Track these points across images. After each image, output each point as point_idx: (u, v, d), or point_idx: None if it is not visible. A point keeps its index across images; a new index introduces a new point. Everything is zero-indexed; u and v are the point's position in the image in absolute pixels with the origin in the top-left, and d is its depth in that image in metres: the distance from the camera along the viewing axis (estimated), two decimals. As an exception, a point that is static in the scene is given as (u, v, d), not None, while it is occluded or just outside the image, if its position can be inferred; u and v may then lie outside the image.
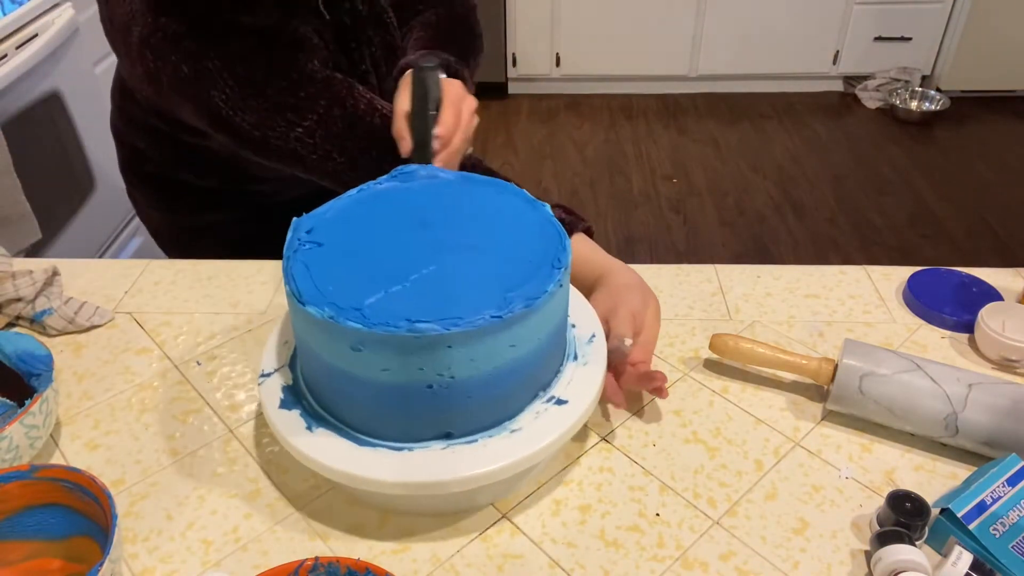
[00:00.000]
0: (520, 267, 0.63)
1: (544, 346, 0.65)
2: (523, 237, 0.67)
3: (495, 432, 0.65)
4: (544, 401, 0.67)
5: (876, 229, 2.69)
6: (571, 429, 0.66)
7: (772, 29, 3.38)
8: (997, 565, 0.60)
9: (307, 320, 0.61)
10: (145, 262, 1.00)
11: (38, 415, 0.67)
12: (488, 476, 0.62)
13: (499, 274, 0.62)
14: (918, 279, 0.92)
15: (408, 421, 0.63)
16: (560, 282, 0.63)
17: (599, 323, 0.75)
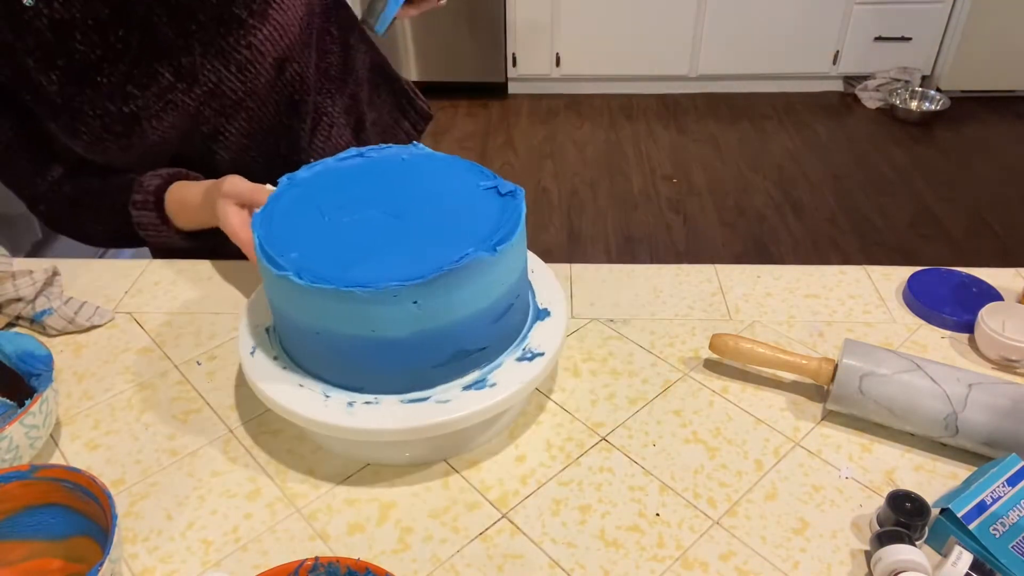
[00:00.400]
0: (461, 241, 0.66)
1: (476, 322, 0.67)
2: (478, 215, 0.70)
3: (417, 396, 0.68)
4: (478, 377, 0.70)
5: (876, 229, 2.69)
6: (493, 407, 0.68)
7: (772, 29, 3.39)
8: (997, 565, 0.60)
9: (260, 265, 0.68)
10: (145, 262, 1.00)
11: (38, 415, 0.67)
12: (379, 434, 0.66)
13: (440, 245, 0.66)
14: (918, 279, 0.92)
15: (341, 369, 0.69)
16: (494, 261, 0.65)
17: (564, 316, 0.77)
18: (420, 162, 0.78)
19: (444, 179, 0.75)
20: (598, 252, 2.59)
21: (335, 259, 0.65)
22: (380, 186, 0.74)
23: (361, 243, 0.67)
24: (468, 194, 0.73)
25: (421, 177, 0.76)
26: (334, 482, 0.71)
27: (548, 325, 0.75)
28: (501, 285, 0.68)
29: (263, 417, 0.77)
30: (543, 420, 0.77)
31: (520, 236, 0.69)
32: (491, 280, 0.66)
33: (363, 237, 0.68)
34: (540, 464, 0.72)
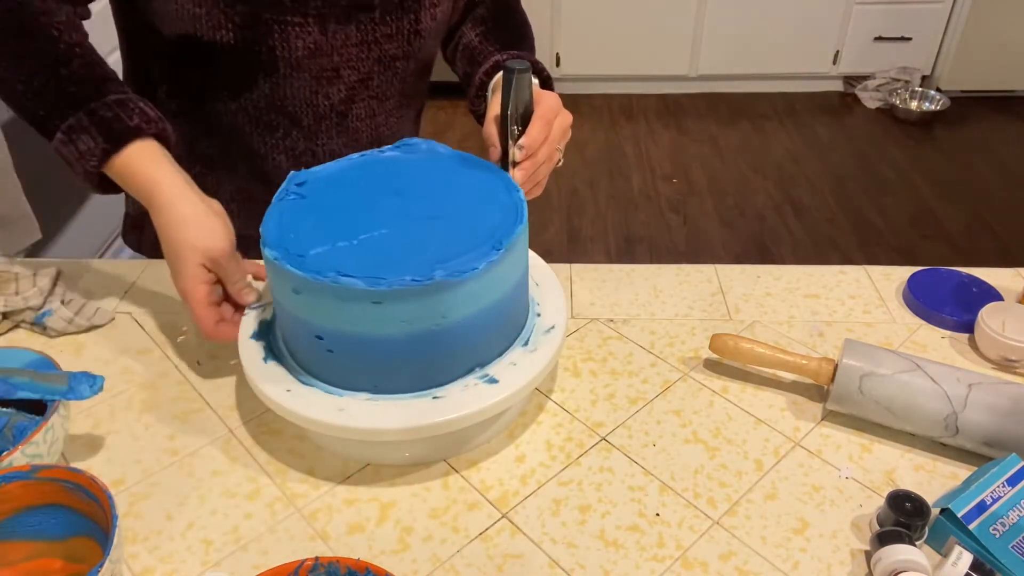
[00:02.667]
0: (462, 241, 0.66)
1: (476, 321, 0.67)
2: (482, 215, 0.70)
3: (416, 396, 0.68)
4: (477, 377, 0.70)
5: (876, 229, 2.69)
6: (492, 407, 0.68)
7: (772, 29, 3.38)
8: (997, 565, 0.60)
9: (265, 260, 0.68)
10: (145, 262, 1.00)
11: (41, 444, 0.65)
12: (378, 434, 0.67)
13: (441, 245, 0.66)
14: (918, 279, 0.92)
15: (340, 368, 0.69)
16: (495, 261, 0.65)
17: (564, 316, 0.76)
18: (431, 159, 0.78)
19: (452, 177, 0.75)
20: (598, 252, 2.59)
21: (338, 258, 0.65)
22: (387, 184, 0.74)
23: (365, 243, 0.67)
24: (475, 193, 0.73)
25: (429, 175, 0.76)
26: (334, 482, 0.71)
27: (548, 325, 0.75)
28: (502, 286, 0.68)
29: (263, 417, 0.77)
30: (543, 420, 0.77)
31: (522, 237, 0.69)
32: (492, 281, 0.66)
33: (367, 236, 0.68)
34: (540, 464, 0.72)
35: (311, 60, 0.92)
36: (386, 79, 0.99)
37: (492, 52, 0.97)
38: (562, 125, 0.84)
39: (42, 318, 0.87)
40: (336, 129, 0.99)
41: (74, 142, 0.76)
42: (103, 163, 0.76)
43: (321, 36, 0.90)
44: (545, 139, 0.80)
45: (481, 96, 0.95)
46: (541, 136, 0.80)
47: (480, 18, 1.02)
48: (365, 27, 0.93)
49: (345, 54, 0.93)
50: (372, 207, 0.72)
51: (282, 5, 0.87)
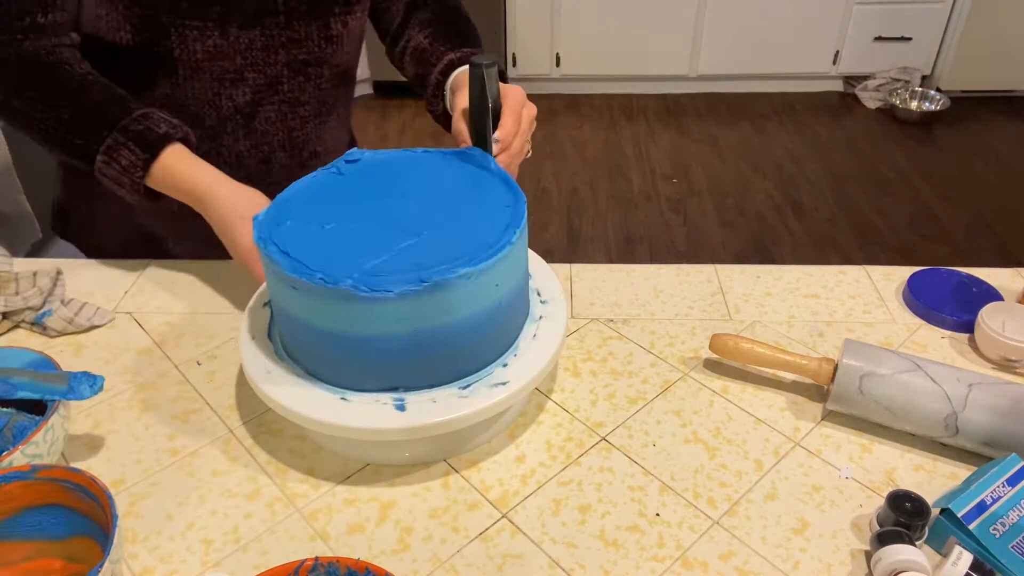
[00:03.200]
0: (462, 242, 0.66)
1: (476, 321, 0.67)
2: (482, 215, 0.70)
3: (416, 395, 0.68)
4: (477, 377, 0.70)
5: (876, 229, 2.69)
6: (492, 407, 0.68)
7: (772, 29, 3.39)
8: (997, 565, 0.60)
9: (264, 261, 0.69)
10: (145, 262, 1.00)
11: (41, 444, 0.66)
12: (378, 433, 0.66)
13: (441, 245, 0.66)
14: (918, 279, 0.92)
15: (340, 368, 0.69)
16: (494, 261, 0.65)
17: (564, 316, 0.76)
18: (429, 160, 0.78)
19: (450, 177, 0.75)
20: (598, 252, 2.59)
21: (337, 259, 0.65)
22: (387, 185, 0.74)
23: (364, 243, 0.67)
24: (474, 193, 0.73)
25: (428, 175, 0.76)
26: (334, 482, 0.71)
27: (548, 325, 0.75)
28: (502, 286, 0.68)
29: (263, 417, 0.77)
30: (543, 420, 0.77)
31: (521, 239, 0.69)
32: (492, 281, 0.66)
33: (366, 237, 0.68)
34: (540, 464, 0.72)
35: (211, 63, 0.92)
36: (297, 84, 0.99)
37: (444, 52, 0.97)
38: (529, 116, 0.86)
39: (42, 318, 0.87)
40: (242, 131, 0.99)
41: (116, 160, 0.82)
42: (146, 173, 0.83)
43: (222, 40, 0.91)
44: (517, 131, 0.83)
45: (438, 95, 0.96)
46: (514, 129, 0.82)
47: (427, 20, 1.02)
48: (271, 32, 0.93)
49: (249, 57, 0.94)
50: (371, 207, 0.72)
51: (180, 9, 0.87)
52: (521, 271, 0.72)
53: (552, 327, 0.75)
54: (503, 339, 0.72)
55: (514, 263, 0.69)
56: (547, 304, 0.78)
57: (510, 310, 0.71)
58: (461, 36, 1.01)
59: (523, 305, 0.75)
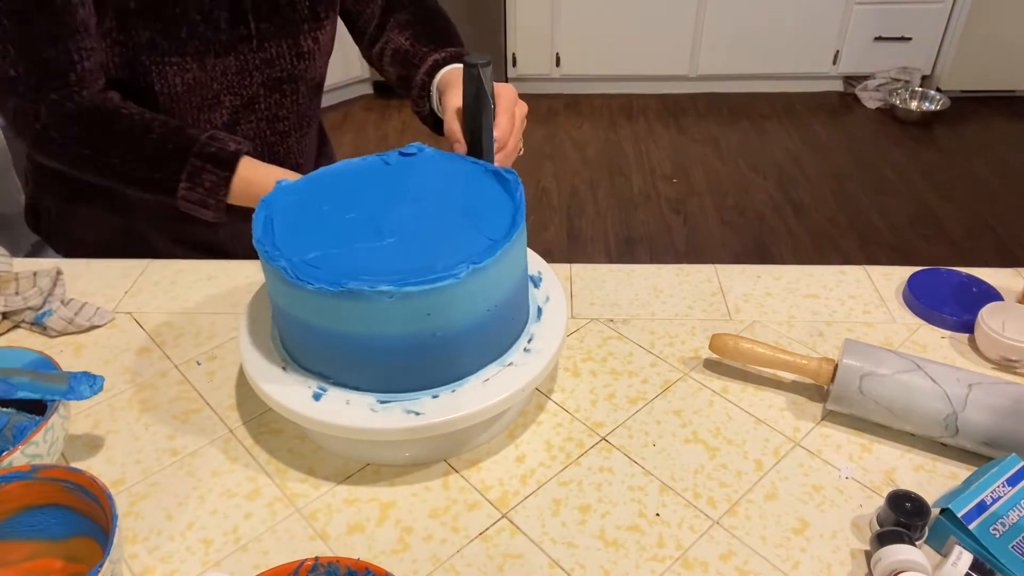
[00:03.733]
0: (461, 243, 0.66)
1: (475, 322, 0.67)
2: (481, 216, 0.70)
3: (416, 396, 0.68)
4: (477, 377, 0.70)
5: (876, 229, 2.69)
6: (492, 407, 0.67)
7: (772, 29, 3.39)
8: (997, 565, 0.60)
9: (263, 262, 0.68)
10: (145, 262, 1.00)
11: (41, 444, 0.65)
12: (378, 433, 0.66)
13: (440, 246, 0.66)
14: (918, 279, 0.92)
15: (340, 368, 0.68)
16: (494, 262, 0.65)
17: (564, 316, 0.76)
18: (426, 161, 0.78)
19: (448, 178, 0.75)
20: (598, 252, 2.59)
21: (336, 259, 0.65)
22: (383, 187, 0.74)
23: (363, 244, 0.67)
24: (472, 194, 0.73)
25: (425, 176, 0.76)
26: (334, 482, 0.71)
27: (548, 325, 0.75)
28: (502, 286, 0.68)
29: (263, 417, 0.77)
30: (543, 420, 0.77)
31: (520, 239, 0.69)
32: (492, 281, 0.66)
33: (365, 238, 0.68)
34: (540, 464, 0.73)
35: (190, 93, 0.93)
36: (274, 101, 1.01)
37: (428, 53, 0.98)
38: (522, 114, 0.87)
39: (42, 318, 0.87)
40: None
41: (199, 183, 0.87)
42: (228, 190, 0.87)
43: (200, 71, 0.92)
44: (511, 130, 0.83)
45: (424, 96, 0.96)
46: (509, 127, 0.83)
47: (406, 22, 1.03)
48: (244, 56, 0.94)
49: (224, 82, 0.95)
50: (369, 209, 0.72)
51: (159, 47, 0.88)
52: (520, 271, 0.72)
53: (552, 327, 0.75)
54: (503, 339, 0.72)
55: (513, 263, 0.69)
56: (547, 304, 0.78)
57: (510, 310, 0.71)
58: (442, 36, 1.01)
59: (523, 305, 0.75)
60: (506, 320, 0.71)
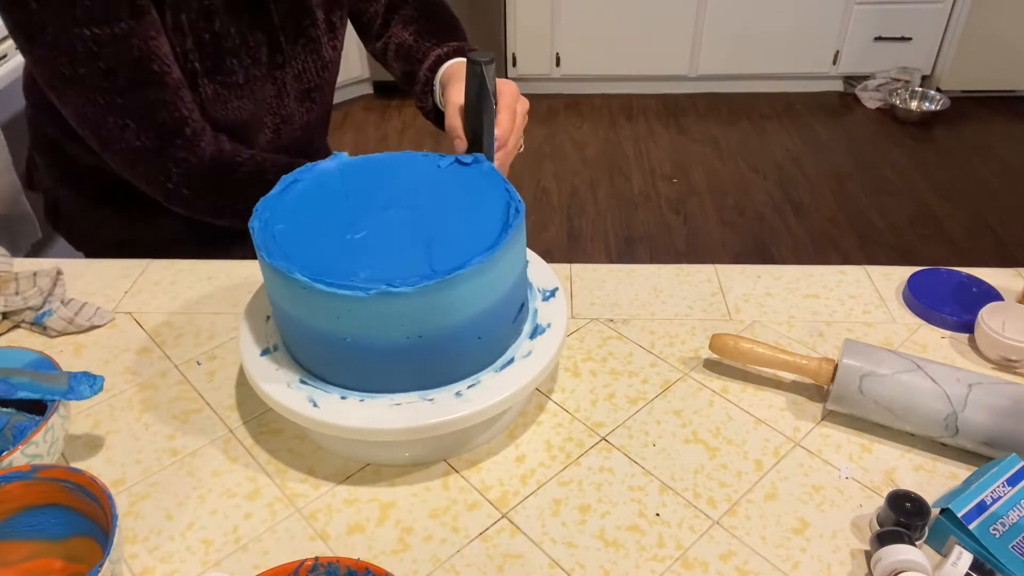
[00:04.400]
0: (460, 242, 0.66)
1: (475, 321, 0.67)
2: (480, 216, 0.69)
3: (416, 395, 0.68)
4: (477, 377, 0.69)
5: (876, 229, 2.69)
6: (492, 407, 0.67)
7: (772, 29, 3.39)
8: (997, 565, 0.60)
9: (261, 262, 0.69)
10: (145, 262, 1.00)
11: (41, 444, 0.66)
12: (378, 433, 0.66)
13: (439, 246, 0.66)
14: (918, 279, 0.92)
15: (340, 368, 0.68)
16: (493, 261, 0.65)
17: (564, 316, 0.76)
18: (425, 161, 0.78)
19: (447, 177, 0.75)
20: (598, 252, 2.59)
21: (335, 260, 0.65)
22: (388, 186, 0.74)
23: (362, 244, 0.67)
24: (471, 194, 0.72)
25: (424, 176, 0.76)
26: (334, 482, 0.71)
27: (547, 325, 0.75)
28: (501, 285, 0.68)
29: (263, 417, 0.77)
30: (543, 420, 0.77)
31: (518, 238, 0.69)
32: (491, 281, 0.66)
33: (364, 239, 0.68)
34: (540, 464, 0.73)
35: (244, 127, 0.98)
36: (306, 109, 1.04)
37: (431, 48, 0.99)
38: (523, 111, 0.87)
39: (42, 318, 0.87)
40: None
41: None
42: None
43: (251, 104, 0.96)
44: (512, 128, 0.83)
45: (428, 92, 0.97)
46: (510, 125, 0.83)
47: (409, 18, 1.04)
48: (280, 79, 0.98)
49: (266, 106, 0.98)
50: (367, 208, 0.72)
51: (221, 96, 0.92)
52: (520, 271, 0.72)
53: (552, 327, 0.75)
54: (503, 339, 0.72)
55: (512, 263, 0.69)
56: (547, 304, 0.78)
57: (509, 311, 0.71)
58: (446, 31, 1.02)
59: (522, 306, 0.75)
60: (506, 320, 0.71)
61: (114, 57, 0.82)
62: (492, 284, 0.67)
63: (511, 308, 0.71)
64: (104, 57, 0.82)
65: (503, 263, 0.67)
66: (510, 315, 0.72)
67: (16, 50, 1.64)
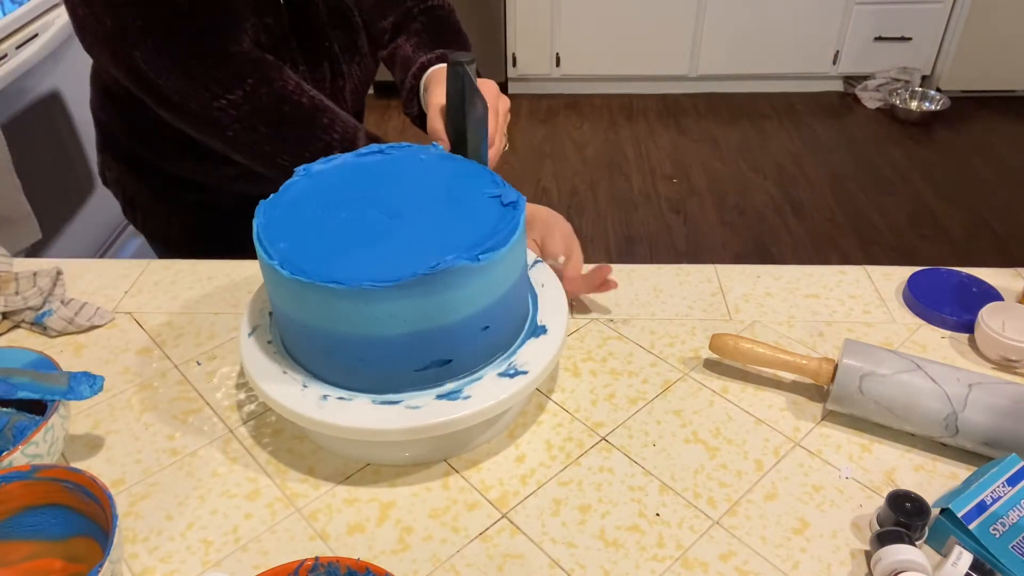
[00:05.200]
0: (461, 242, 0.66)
1: (475, 322, 0.67)
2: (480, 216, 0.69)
3: (416, 395, 0.68)
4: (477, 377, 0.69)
5: (876, 229, 2.69)
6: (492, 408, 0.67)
7: (772, 29, 3.39)
8: (997, 565, 0.60)
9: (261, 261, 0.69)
10: (145, 262, 1.00)
11: (41, 444, 0.66)
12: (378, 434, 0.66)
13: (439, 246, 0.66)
14: (918, 279, 0.92)
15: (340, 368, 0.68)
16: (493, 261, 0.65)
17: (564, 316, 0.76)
18: (434, 163, 0.77)
19: (453, 182, 0.75)
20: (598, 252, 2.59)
21: (335, 259, 0.65)
22: (388, 184, 0.74)
23: (362, 243, 0.67)
24: (473, 200, 0.72)
25: (431, 178, 0.75)
26: (334, 482, 0.71)
27: (548, 325, 0.75)
28: (501, 285, 0.68)
29: (263, 417, 0.77)
30: (543, 420, 0.77)
31: (514, 247, 0.68)
32: (491, 280, 0.66)
33: (364, 238, 0.68)
34: (540, 464, 0.73)
35: None
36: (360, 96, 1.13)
37: (420, 56, 1.00)
38: (504, 109, 0.87)
39: (42, 318, 0.87)
40: None
41: None
42: None
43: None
44: (496, 126, 0.84)
45: (413, 98, 0.98)
46: (494, 124, 0.83)
47: (415, 31, 1.05)
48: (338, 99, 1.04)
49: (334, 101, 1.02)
50: (367, 208, 0.71)
51: None
52: (520, 270, 0.72)
53: (552, 327, 0.75)
54: (503, 339, 0.72)
55: (512, 262, 0.69)
56: (547, 304, 0.78)
57: (509, 310, 0.71)
58: (444, 44, 1.02)
59: (522, 305, 0.75)
60: (505, 320, 0.71)
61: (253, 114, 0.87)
62: (493, 282, 0.67)
63: (512, 307, 0.71)
64: (242, 118, 0.86)
65: (504, 263, 0.67)
66: (511, 314, 0.72)
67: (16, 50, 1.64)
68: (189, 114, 0.88)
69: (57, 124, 1.80)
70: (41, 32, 1.71)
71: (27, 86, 1.66)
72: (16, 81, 1.61)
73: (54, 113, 1.78)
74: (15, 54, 1.63)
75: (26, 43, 1.67)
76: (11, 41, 1.64)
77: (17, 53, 1.63)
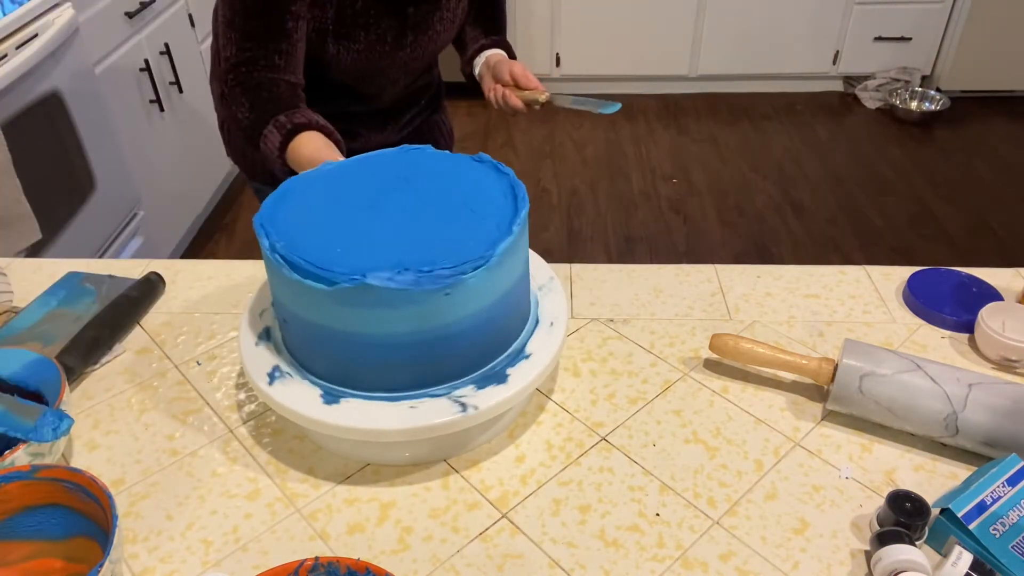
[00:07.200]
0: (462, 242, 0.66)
1: (476, 321, 0.67)
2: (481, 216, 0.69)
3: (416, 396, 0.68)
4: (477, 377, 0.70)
5: (876, 229, 2.69)
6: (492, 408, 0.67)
7: (772, 29, 3.38)
8: (997, 565, 0.60)
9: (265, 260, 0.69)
10: (145, 262, 1.00)
11: (42, 444, 0.66)
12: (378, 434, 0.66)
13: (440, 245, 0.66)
14: (918, 279, 0.92)
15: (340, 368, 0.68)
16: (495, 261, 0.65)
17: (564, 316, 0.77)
18: (438, 163, 0.77)
19: (448, 178, 0.75)
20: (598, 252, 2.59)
21: (338, 259, 0.65)
22: (392, 184, 0.74)
23: (364, 243, 0.67)
24: (476, 199, 0.72)
25: (434, 178, 0.75)
26: (334, 482, 0.71)
27: (548, 325, 0.75)
28: (502, 285, 0.68)
29: (263, 417, 0.77)
30: (543, 420, 0.77)
31: (516, 245, 0.69)
32: (492, 281, 0.66)
33: (367, 237, 0.68)
34: (540, 464, 0.72)
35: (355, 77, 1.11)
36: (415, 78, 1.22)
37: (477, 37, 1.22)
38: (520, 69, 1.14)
39: (42, 318, 0.87)
40: None
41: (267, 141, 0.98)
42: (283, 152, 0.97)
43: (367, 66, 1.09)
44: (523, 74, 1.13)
45: (470, 63, 1.22)
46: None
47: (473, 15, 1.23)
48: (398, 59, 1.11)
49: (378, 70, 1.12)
50: (369, 208, 0.72)
51: None
52: (521, 271, 0.72)
53: (552, 327, 0.75)
54: (503, 339, 0.72)
55: (514, 263, 0.69)
56: (547, 304, 0.78)
57: (510, 310, 0.71)
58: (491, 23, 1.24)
59: (523, 305, 0.75)
60: (506, 320, 0.71)
61: None
62: (494, 284, 0.67)
63: (512, 308, 0.71)
64: None
65: (506, 264, 0.67)
66: (511, 315, 0.72)
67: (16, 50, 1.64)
68: None
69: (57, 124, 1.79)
70: (41, 32, 1.71)
71: (27, 86, 1.66)
72: (16, 81, 1.61)
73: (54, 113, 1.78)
74: (15, 54, 1.63)
75: (26, 43, 1.67)
76: (11, 41, 1.63)
77: (17, 53, 1.63)
